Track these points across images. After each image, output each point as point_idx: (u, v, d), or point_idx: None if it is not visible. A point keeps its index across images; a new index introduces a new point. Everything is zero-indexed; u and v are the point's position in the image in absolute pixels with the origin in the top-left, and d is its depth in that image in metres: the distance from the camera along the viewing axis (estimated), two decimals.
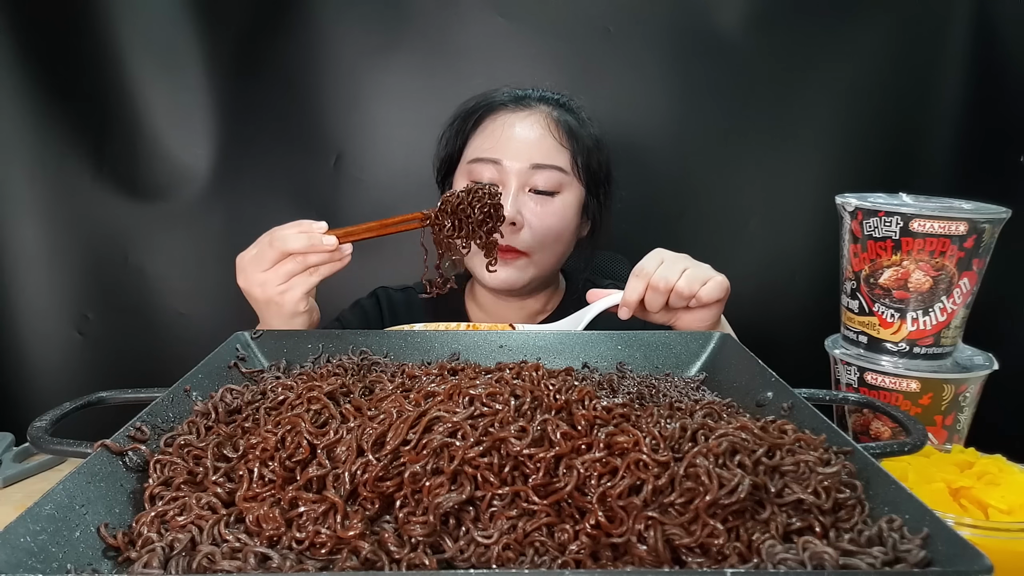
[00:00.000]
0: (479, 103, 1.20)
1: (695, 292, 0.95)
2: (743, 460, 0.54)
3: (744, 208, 1.60)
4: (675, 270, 0.97)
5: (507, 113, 1.17)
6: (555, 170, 1.13)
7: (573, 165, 1.15)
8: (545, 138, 1.14)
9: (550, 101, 1.20)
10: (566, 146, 1.15)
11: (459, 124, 1.20)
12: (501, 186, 1.11)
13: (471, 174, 1.15)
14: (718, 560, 0.49)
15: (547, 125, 1.15)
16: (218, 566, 0.48)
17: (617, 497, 0.52)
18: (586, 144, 1.17)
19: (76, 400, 0.71)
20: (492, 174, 1.13)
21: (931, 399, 1.02)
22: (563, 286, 1.31)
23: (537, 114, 1.16)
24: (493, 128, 1.16)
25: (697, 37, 1.53)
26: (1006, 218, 1.00)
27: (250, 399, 0.71)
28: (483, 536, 0.51)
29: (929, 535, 0.47)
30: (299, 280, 0.93)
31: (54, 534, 0.49)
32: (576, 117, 1.19)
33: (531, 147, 1.13)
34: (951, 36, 1.52)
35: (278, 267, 0.92)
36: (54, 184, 1.52)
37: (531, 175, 1.13)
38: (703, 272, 0.97)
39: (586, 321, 1.02)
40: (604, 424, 0.58)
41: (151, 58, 1.49)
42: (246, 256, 0.94)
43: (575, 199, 1.17)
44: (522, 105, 1.17)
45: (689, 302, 0.96)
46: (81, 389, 0.74)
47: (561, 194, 1.15)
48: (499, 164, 1.13)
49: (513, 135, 1.14)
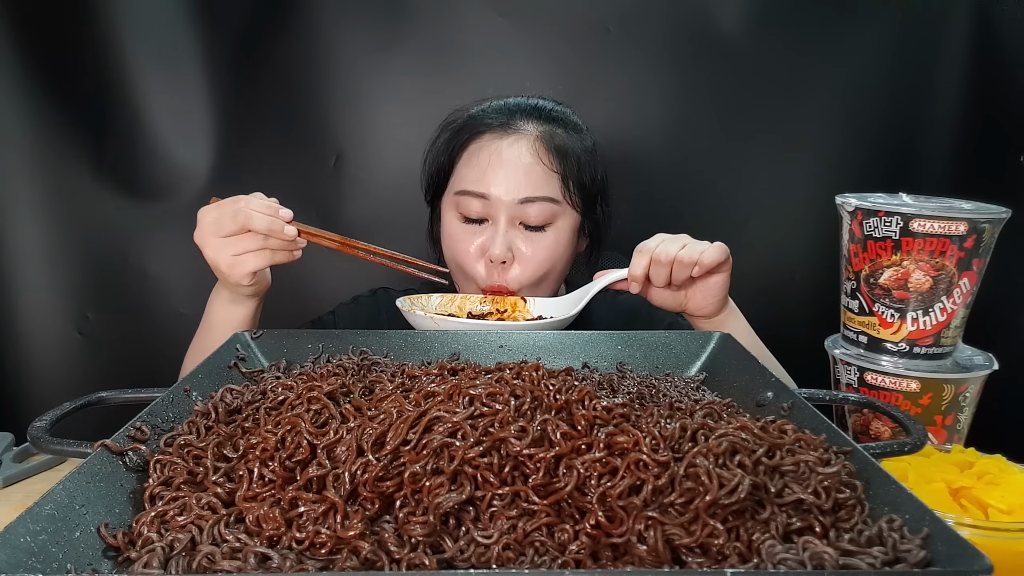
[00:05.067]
0: (465, 124, 1.16)
1: (695, 259, 0.96)
2: (743, 460, 0.54)
3: (744, 208, 1.60)
4: (675, 244, 0.98)
5: (493, 139, 1.12)
6: (546, 201, 1.10)
7: (564, 191, 1.11)
8: (534, 167, 1.10)
9: (539, 116, 1.15)
10: (556, 171, 1.11)
11: (444, 144, 1.17)
12: (490, 220, 1.11)
13: (459, 207, 1.12)
14: (718, 560, 0.49)
15: (536, 151, 1.11)
16: (218, 566, 0.48)
17: (617, 497, 0.52)
18: (578, 160, 1.13)
19: (76, 400, 0.71)
20: (479, 208, 1.10)
21: (931, 399, 1.02)
22: (563, 291, 1.27)
23: (525, 139, 1.11)
24: (479, 157, 1.12)
25: (697, 37, 1.53)
26: (1006, 218, 1.00)
27: (250, 399, 0.71)
28: (483, 536, 0.51)
29: (929, 535, 0.48)
30: (251, 257, 0.92)
31: (54, 534, 0.49)
32: (567, 129, 1.15)
33: (519, 178, 1.09)
34: (951, 36, 1.51)
35: (236, 239, 0.91)
36: (54, 184, 1.52)
37: (521, 209, 1.09)
38: (702, 244, 0.99)
39: (591, 294, 1.03)
40: (604, 424, 0.58)
41: (151, 58, 1.49)
42: (207, 217, 0.93)
43: (569, 227, 1.14)
44: (509, 129, 1.12)
45: (692, 270, 0.97)
46: (81, 389, 0.74)
47: (554, 225, 1.12)
48: (486, 199, 1.09)
49: (500, 164, 1.10)
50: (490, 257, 1.10)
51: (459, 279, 1.18)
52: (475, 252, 1.12)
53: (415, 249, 1.45)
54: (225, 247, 0.92)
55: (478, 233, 1.12)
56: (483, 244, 1.11)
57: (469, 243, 1.12)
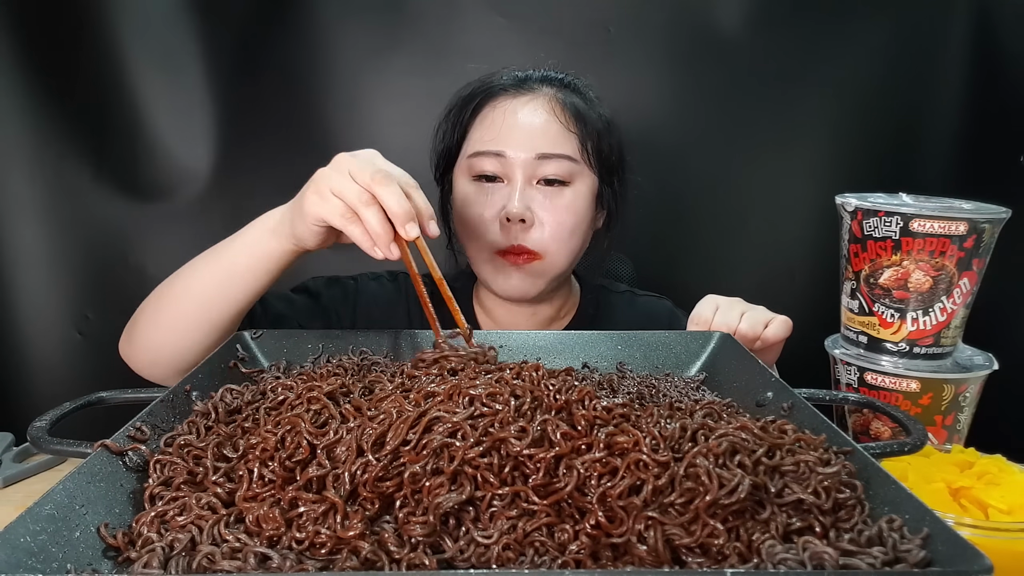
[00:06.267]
0: (476, 89, 1.10)
1: (759, 334, 0.94)
2: (743, 460, 0.54)
3: (744, 208, 1.60)
4: (734, 314, 0.95)
5: (508, 99, 1.07)
6: (564, 159, 1.04)
7: (582, 151, 1.05)
8: (551, 124, 1.04)
9: (554, 82, 1.10)
10: (574, 131, 1.05)
11: (456, 113, 1.11)
12: (506, 180, 1.05)
13: (472, 169, 1.06)
14: (718, 560, 0.49)
15: (552, 109, 1.05)
16: (218, 566, 0.48)
17: (617, 497, 0.52)
18: (595, 127, 1.08)
19: (76, 400, 0.71)
20: (495, 167, 1.04)
21: (931, 399, 1.02)
22: (576, 290, 1.22)
23: (541, 98, 1.07)
24: (494, 117, 1.06)
25: (697, 37, 1.53)
26: (1006, 218, 1.00)
27: (250, 399, 0.71)
28: (483, 536, 0.51)
29: (929, 535, 0.48)
30: (340, 209, 0.80)
31: (54, 534, 0.49)
32: (583, 98, 1.10)
33: (536, 135, 1.04)
34: (951, 36, 1.52)
35: (351, 185, 0.80)
36: (54, 184, 1.52)
37: (538, 166, 1.03)
38: (762, 313, 0.96)
39: None
40: (604, 424, 0.58)
41: (151, 58, 1.49)
42: (353, 164, 0.81)
43: (588, 189, 1.07)
44: (524, 89, 1.08)
45: (754, 344, 0.94)
46: (81, 389, 0.74)
47: (572, 184, 1.05)
48: (502, 156, 1.03)
49: (516, 123, 1.04)
50: (507, 215, 1.03)
51: (472, 250, 1.10)
52: (490, 214, 1.05)
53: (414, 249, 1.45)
54: (333, 182, 0.81)
55: (492, 193, 1.05)
56: (498, 203, 1.04)
57: (483, 204, 1.05)
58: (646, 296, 1.23)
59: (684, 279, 1.56)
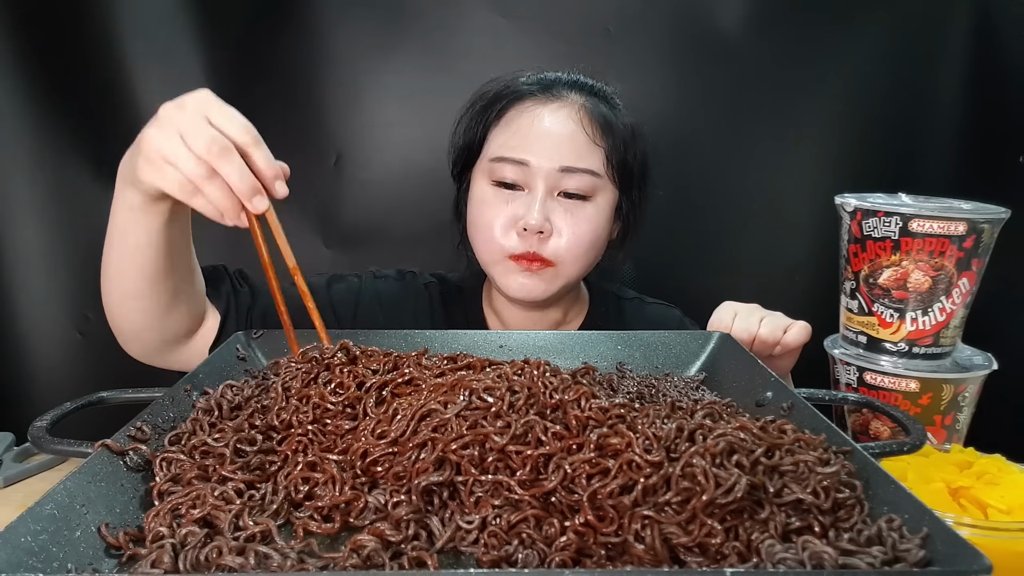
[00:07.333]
0: (502, 90, 1.07)
1: (779, 339, 0.94)
2: (741, 460, 0.54)
3: (744, 208, 1.60)
4: (753, 320, 0.96)
5: (535, 104, 1.04)
6: (587, 174, 1.02)
7: (607, 165, 1.03)
8: (577, 135, 1.02)
9: (583, 88, 1.07)
10: (600, 144, 1.03)
11: (480, 113, 1.08)
12: (527, 188, 1.03)
13: (493, 173, 1.04)
14: (717, 560, 0.49)
15: (580, 119, 1.03)
16: (224, 560, 0.48)
17: (608, 496, 0.52)
18: (622, 138, 1.05)
19: (76, 400, 0.71)
20: (516, 175, 1.02)
21: (930, 399, 1.02)
22: (585, 295, 1.20)
23: (569, 106, 1.04)
24: (520, 122, 1.04)
25: (697, 37, 1.53)
26: (1005, 218, 1.00)
27: (250, 394, 0.72)
28: (466, 522, 0.53)
29: (928, 535, 0.48)
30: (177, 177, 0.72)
31: (55, 534, 0.49)
32: (611, 106, 1.08)
33: (561, 146, 1.01)
34: (951, 36, 1.52)
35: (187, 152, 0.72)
36: (54, 184, 1.52)
37: (560, 178, 1.01)
38: (781, 319, 0.97)
39: None
40: (599, 425, 0.58)
41: (151, 58, 1.49)
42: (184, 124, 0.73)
43: (608, 203, 1.06)
44: (552, 95, 1.05)
45: (774, 349, 0.95)
46: (81, 389, 0.74)
47: (594, 199, 1.04)
48: (525, 165, 1.01)
49: (542, 131, 1.02)
50: (524, 226, 1.00)
51: (484, 252, 1.07)
52: (506, 220, 1.03)
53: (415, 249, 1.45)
54: (164, 148, 0.73)
55: (512, 200, 1.03)
56: (516, 212, 1.02)
57: (500, 210, 1.03)
58: (655, 304, 1.23)
59: (684, 279, 1.56)
